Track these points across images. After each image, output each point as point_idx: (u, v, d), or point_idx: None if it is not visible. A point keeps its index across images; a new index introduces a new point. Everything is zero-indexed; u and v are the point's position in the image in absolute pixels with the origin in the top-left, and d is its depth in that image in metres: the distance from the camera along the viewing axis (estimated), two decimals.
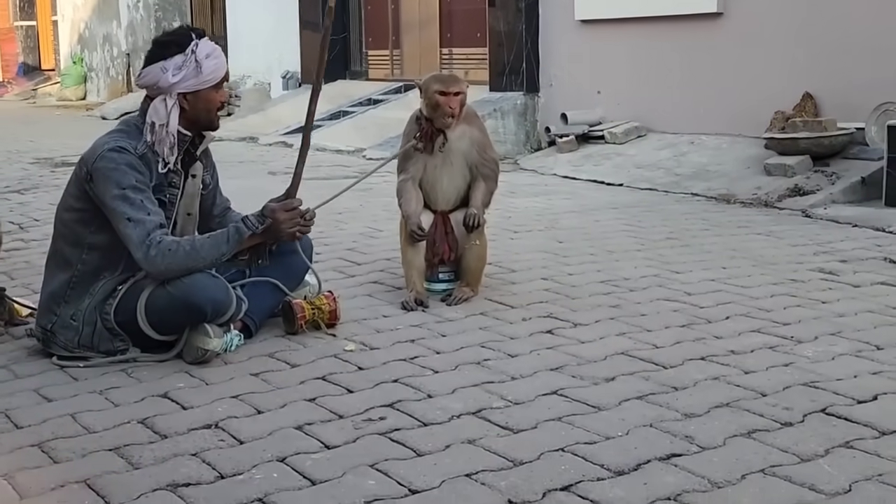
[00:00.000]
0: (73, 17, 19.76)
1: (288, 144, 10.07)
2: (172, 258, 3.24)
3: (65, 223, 3.39)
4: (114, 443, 2.65)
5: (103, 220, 3.30)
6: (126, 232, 3.22)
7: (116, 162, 3.24)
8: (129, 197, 3.22)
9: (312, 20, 12.13)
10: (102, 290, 3.33)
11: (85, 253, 3.33)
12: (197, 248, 3.31)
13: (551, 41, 9.16)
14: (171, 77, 3.30)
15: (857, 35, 6.77)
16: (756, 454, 2.49)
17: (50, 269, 3.44)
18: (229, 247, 3.36)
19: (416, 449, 2.57)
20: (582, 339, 3.48)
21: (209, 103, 3.39)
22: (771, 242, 5.10)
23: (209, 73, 3.34)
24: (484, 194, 4.06)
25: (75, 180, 3.37)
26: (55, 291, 3.36)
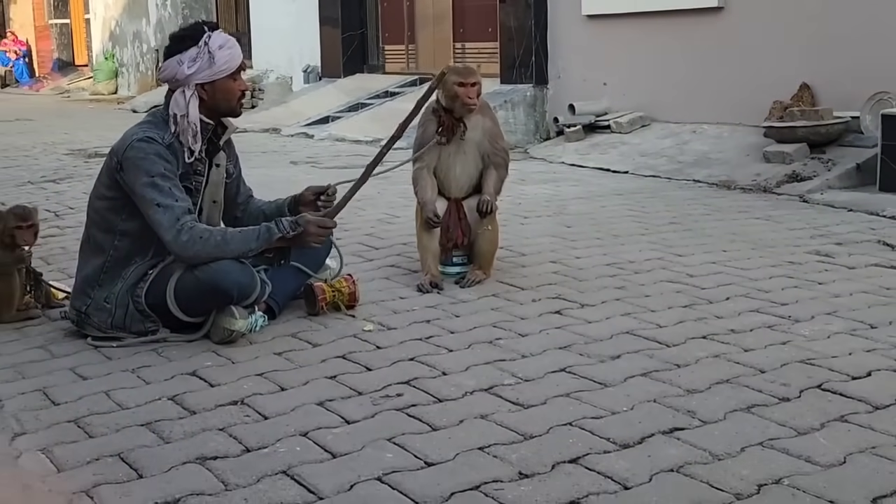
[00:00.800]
0: (104, 16, 19.76)
1: (309, 135, 10.08)
2: (203, 245, 3.25)
3: (97, 211, 3.40)
4: (146, 418, 2.67)
5: (134, 207, 3.31)
6: (156, 217, 3.23)
7: (145, 151, 3.26)
8: (158, 184, 3.24)
9: (331, 16, 12.10)
10: (134, 274, 3.35)
11: (117, 239, 3.35)
12: (227, 241, 3.31)
13: (559, 35, 9.12)
14: (187, 69, 3.32)
15: (852, 28, 6.72)
16: (755, 428, 2.49)
17: (84, 254, 3.45)
18: (258, 244, 3.36)
19: (432, 424, 2.57)
20: (589, 319, 3.48)
21: (228, 92, 3.40)
22: (769, 226, 5.08)
23: (223, 63, 3.35)
24: (495, 182, 4.06)
25: (106, 170, 3.38)
26: (89, 276, 3.38)
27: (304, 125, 10.59)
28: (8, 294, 3.64)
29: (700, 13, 7.78)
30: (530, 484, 2.23)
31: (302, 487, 2.24)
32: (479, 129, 4.03)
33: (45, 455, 2.45)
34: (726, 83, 7.61)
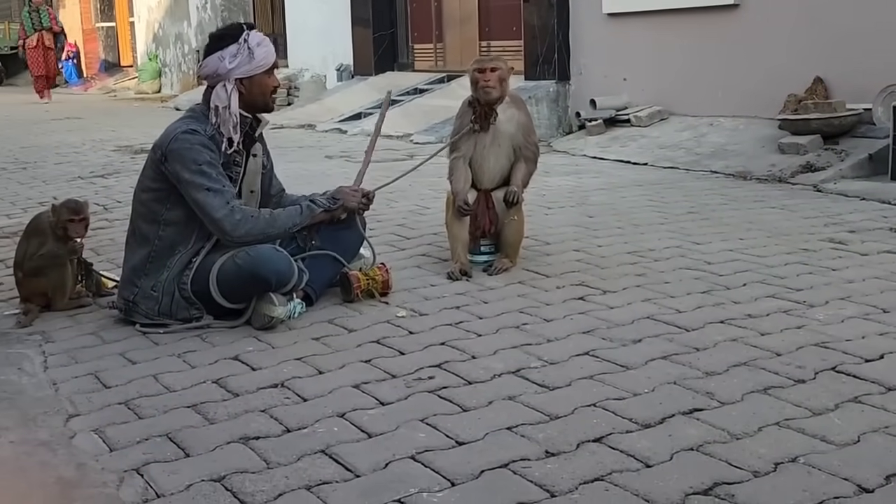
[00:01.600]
0: (148, 18, 19.85)
1: (342, 131, 10.09)
2: (254, 224, 3.34)
3: (142, 203, 3.44)
4: (191, 400, 2.69)
5: (177, 197, 3.35)
6: (207, 200, 3.28)
7: (190, 142, 3.30)
8: (206, 171, 3.30)
9: (363, 16, 12.10)
10: (179, 263, 3.38)
11: (161, 229, 3.38)
12: (275, 217, 3.43)
13: (580, 33, 9.08)
14: (228, 64, 3.38)
15: (864, 22, 6.64)
16: (771, 409, 2.48)
17: (130, 246, 3.48)
18: (301, 219, 3.50)
19: (462, 405, 2.58)
20: (611, 305, 3.47)
21: (263, 87, 3.46)
22: (784, 215, 5.04)
23: (261, 59, 3.42)
24: (524, 175, 4.05)
25: (151, 164, 3.42)
26: (136, 266, 3.41)
27: (337, 121, 10.60)
28: (61, 283, 3.68)
29: (716, 10, 7.71)
30: (556, 462, 2.23)
31: (340, 465, 2.25)
32: (514, 122, 4.03)
33: (97, 435, 2.48)
34: (742, 77, 7.55)
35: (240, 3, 15.84)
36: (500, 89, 3.98)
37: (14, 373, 3.01)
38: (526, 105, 4.17)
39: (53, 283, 3.66)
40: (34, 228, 3.71)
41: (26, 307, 3.63)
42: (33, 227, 3.72)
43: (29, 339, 3.37)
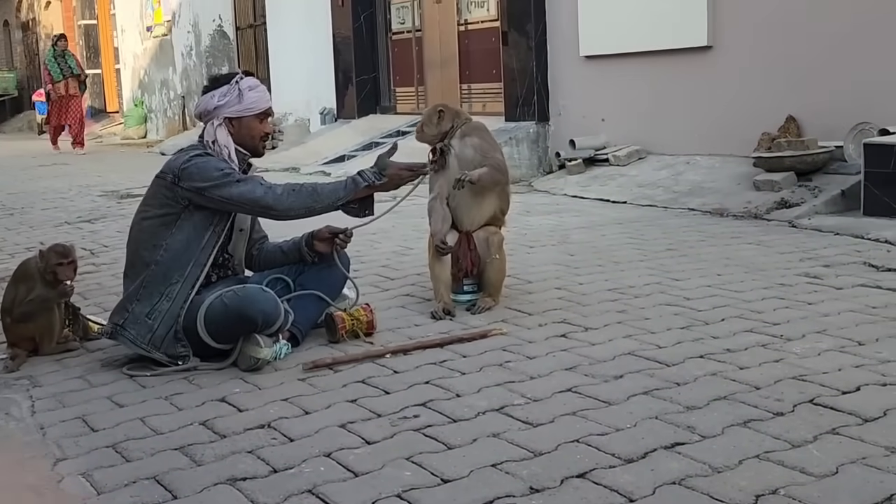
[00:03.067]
0: (133, 65, 19.94)
1: (326, 174, 10.11)
2: (297, 197, 3.40)
3: (144, 230, 3.45)
4: (179, 443, 2.68)
5: (186, 219, 3.39)
6: (241, 189, 3.34)
7: (206, 160, 3.41)
8: (229, 173, 3.37)
9: (346, 61, 12.18)
10: (180, 296, 3.36)
11: (160, 254, 3.38)
12: (318, 190, 3.47)
13: (559, 75, 9.17)
14: (217, 101, 3.46)
15: (834, 61, 6.74)
16: (752, 441, 2.49)
17: (128, 277, 3.49)
18: (346, 193, 3.51)
19: (447, 443, 2.58)
20: (593, 342, 3.48)
21: (252, 130, 3.50)
22: (761, 251, 5.08)
23: (251, 102, 3.46)
24: (485, 171, 3.97)
25: (159, 189, 3.44)
26: (130, 293, 3.42)
27: (321, 164, 10.63)
28: (49, 328, 3.66)
29: (690, 52, 7.81)
30: (541, 498, 2.23)
31: None
32: (470, 147, 4.06)
33: (85, 479, 2.47)
34: (717, 117, 7.64)
35: (224, 50, 15.94)
36: (422, 133, 4.08)
37: (1, 418, 2.99)
38: (484, 130, 4.16)
39: (41, 328, 3.65)
40: (22, 274, 3.70)
41: (14, 352, 3.62)
42: (21, 273, 3.71)
43: (16, 384, 3.35)
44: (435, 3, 11.15)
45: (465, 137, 4.06)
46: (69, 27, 24.85)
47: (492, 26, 10.20)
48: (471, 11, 10.65)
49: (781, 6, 7.08)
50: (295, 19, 13.46)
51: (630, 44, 8.33)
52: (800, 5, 6.95)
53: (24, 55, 29.71)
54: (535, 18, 9.18)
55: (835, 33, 6.74)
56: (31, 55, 29.11)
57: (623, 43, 8.40)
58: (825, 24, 6.78)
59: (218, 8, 15.87)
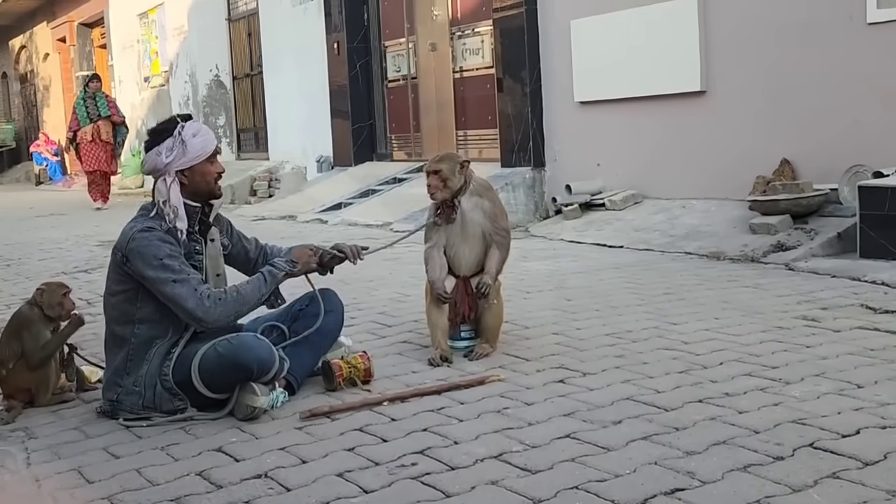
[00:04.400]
0: (131, 115, 20.01)
1: (323, 221, 10.14)
2: (224, 305, 3.33)
3: (113, 306, 3.44)
4: (175, 494, 2.66)
5: (146, 294, 3.36)
6: (175, 292, 3.28)
7: (148, 239, 3.32)
8: (168, 264, 3.30)
9: (342, 109, 12.27)
10: (157, 355, 3.37)
11: (135, 328, 3.38)
12: (242, 293, 3.42)
13: (554, 121, 9.23)
14: (165, 158, 3.42)
15: (827, 106, 6.80)
16: (752, 486, 2.47)
17: (109, 349, 3.48)
18: (268, 288, 3.49)
19: (445, 491, 2.56)
20: (591, 387, 3.48)
21: (205, 175, 3.48)
22: (758, 294, 5.08)
23: (198, 150, 3.44)
24: (496, 262, 4.07)
25: (113, 267, 3.44)
26: (117, 367, 3.41)
27: (318, 211, 10.66)
28: (45, 379, 3.66)
29: (684, 97, 7.87)
30: None
31: None
32: (480, 210, 4.06)
33: None
34: (711, 161, 7.68)
35: (221, 99, 16.04)
36: (445, 189, 4.00)
37: None
38: (492, 191, 4.20)
39: (37, 379, 3.64)
40: (21, 322, 3.68)
41: (9, 404, 3.60)
42: (19, 322, 3.69)
43: (12, 436, 3.33)
44: (430, 51, 11.26)
45: (474, 197, 4.06)
46: (67, 78, 25.04)
47: (487, 73, 10.28)
48: (465, 59, 10.74)
49: (773, 50, 7.15)
50: (291, 68, 13.57)
51: (624, 89, 8.40)
52: (792, 49, 7.02)
53: (23, 106, 29.90)
54: (530, 65, 9.26)
55: (828, 76, 6.80)
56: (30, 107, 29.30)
57: (617, 88, 8.47)
58: (818, 67, 6.85)
59: (215, 58, 16.01)
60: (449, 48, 10.93)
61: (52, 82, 26.28)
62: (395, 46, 11.98)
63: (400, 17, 11.78)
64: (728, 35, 7.51)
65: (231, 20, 15.69)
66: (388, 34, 12.08)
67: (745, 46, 7.38)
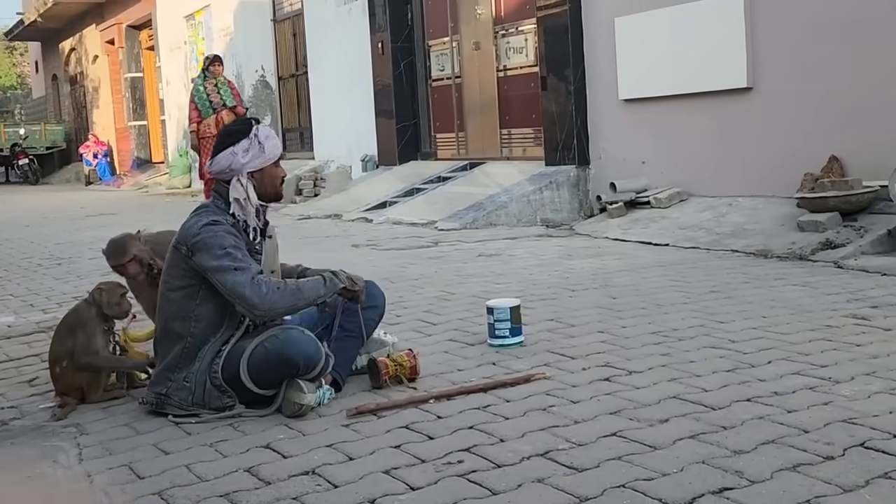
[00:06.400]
0: (178, 116, 20.27)
1: (368, 220, 10.18)
2: (281, 295, 3.36)
3: (171, 301, 3.47)
4: (224, 489, 2.68)
5: (206, 291, 3.40)
6: (234, 280, 3.32)
7: (214, 231, 3.37)
8: (231, 253, 3.35)
9: (386, 109, 12.32)
10: (209, 353, 3.40)
11: (193, 325, 3.41)
12: (300, 289, 3.43)
13: (599, 119, 9.20)
14: (242, 158, 3.47)
15: (876, 100, 6.70)
16: (801, 486, 2.44)
17: (163, 345, 3.51)
18: (326, 290, 3.50)
19: (492, 488, 2.56)
20: (637, 385, 3.45)
21: (273, 177, 3.55)
22: (807, 292, 5.02)
23: (271, 152, 3.51)
24: None
25: (175, 261, 3.46)
26: (169, 362, 3.44)
27: (363, 210, 10.71)
28: (96, 376, 3.71)
29: (730, 93, 7.80)
30: None
31: None
32: None
33: None
34: (759, 158, 7.60)
35: (267, 99, 16.16)
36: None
37: (50, 465, 3.02)
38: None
39: (88, 377, 3.69)
40: (77, 321, 3.74)
41: (62, 400, 3.66)
42: (76, 321, 3.75)
43: (64, 432, 3.38)
44: (474, 50, 11.26)
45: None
46: (115, 80, 25.40)
47: (531, 72, 10.27)
48: (509, 57, 10.73)
49: (821, 45, 7.06)
50: (336, 68, 13.64)
51: (669, 86, 8.35)
52: (840, 44, 6.93)
53: (72, 108, 30.38)
54: (574, 63, 9.23)
55: (877, 71, 6.70)
56: (79, 108, 29.77)
57: (662, 86, 8.42)
58: (867, 62, 6.75)
59: (260, 58, 16.14)
60: (493, 47, 10.92)
61: (101, 84, 26.67)
62: (439, 46, 12.00)
63: (444, 17, 11.79)
64: (775, 30, 7.43)
65: (276, 21, 15.81)
66: (432, 33, 12.10)
67: (793, 42, 7.29)
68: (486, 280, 5.96)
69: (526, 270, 6.30)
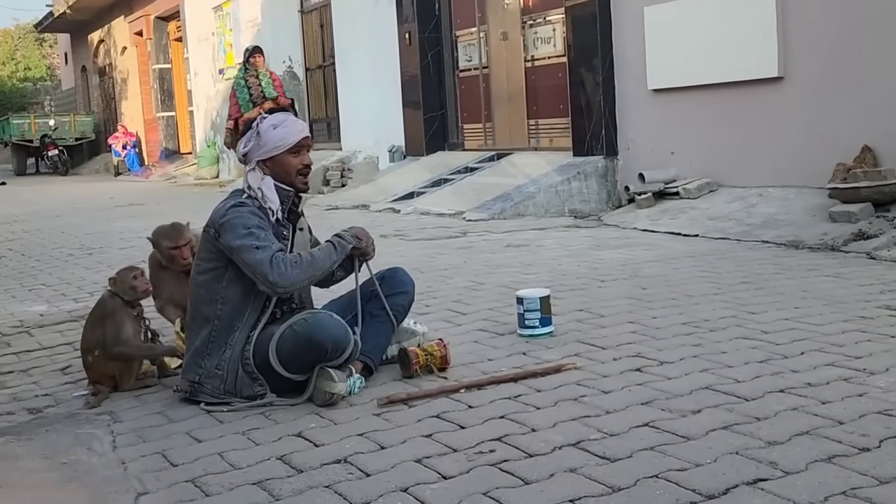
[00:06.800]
0: (206, 107, 20.36)
1: (395, 210, 10.19)
2: (299, 268, 3.40)
3: (199, 284, 3.50)
4: (257, 477, 2.70)
5: (233, 273, 3.43)
6: (255, 257, 3.35)
7: (240, 212, 3.43)
8: (255, 233, 3.39)
9: (413, 99, 12.31)
10: (239, 340, 3.42)
11: (219, 308, 3.43)
12: (315, 257, 3.49)
13: (627, 109, 9.15)
14: (243, 147, 3.58)
15: None
16: (837, 478, 2.42)
17: (192, 330, 3.53)
18: (339, 254, 3.56)
19: (524, 478, 2.55)
20: (668, 376, 3.44)
21: (285, 166, 3.55)
22: (839, 283, 4.98)
23: (276, 140, 3.52)
24: None
25: (205, 244, 3.51)
26: (198, 348, 3.46)
27: (391, 201, 10.72)
28: (128, 365, 3.73)
29: (761, 83, 7.74)
30: None
31: None
32: None
33: None
34: (789, 148, 7.54)
35: (294, 90, 16.18)
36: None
37: (84, 452, 3.04)
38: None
39: (121, 366, 3.72)
40: (104, 312, 3.77)
41: (96, 388, 3.69)
42: (103, 311, 3.78)
43: (98, 420, 3.41)
44: (501, 40, 11.23)
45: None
46: (143, 71, 25.55)
47: (559, 62, 10.23)
48: (537, 47, 10.69)
49: (854, 34, 6.99)
50: (363, 59, 13.65)
51: (699, 76, 8.29)
52: (873, 33, 6.85)
53: (101, 99, 30.59)
54: (602, 53, 9.19)
55: None
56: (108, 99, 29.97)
57: (692, 76, 8.36)
58: None
59: (288, 49, 16.16)
60: (520, 37, 10.89)
61: (130, 75, 26.83)
62: (467, 36, 11.97)
63: (471, 7, 11.76)
64: (806, 19, 7.36)
65: (304, 12, 15.83)
66: (460, 24, 12.07)
67: (825, 31, 7.22)
68: (514, 270, 5.95)
69: (554, 261, 6.28)
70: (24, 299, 6.19)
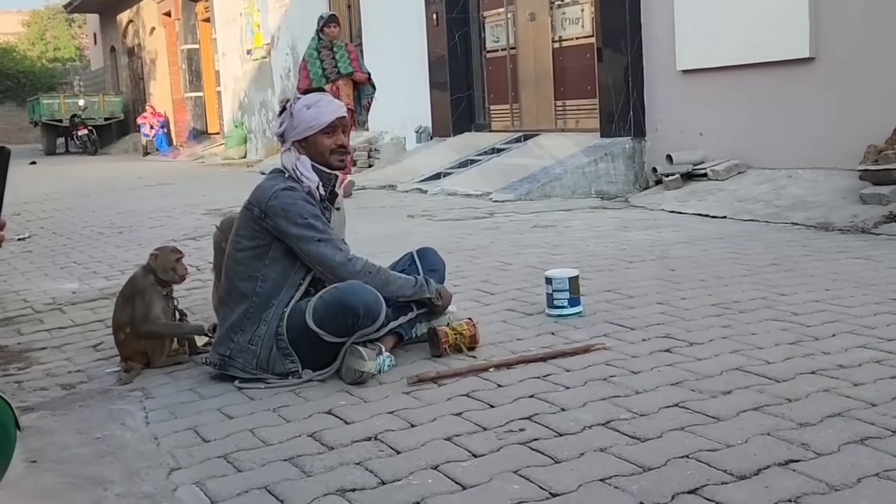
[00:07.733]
0: (233, 88, 20.40)
1: (422, 191, 10.18)
2: (372, 279, 3.44)
3: (239, 261, 3.49)
4: (288, 454, 2.71)
5: (275, 253, 3.44)
6: (321, 250, 3.39)
7: (292, 198, 3.40)
8: (313, 224, 3.40)
9: (440, 80, 12.28)
10: (275, 317, 3.42)
11: (259, 285, 3.44)
12: (391, 279, 3.52)
13: (655, 90, 9.08)
14: (278, 128, 3.57)
15: None
16: (870, 459, 2.40)
17: (226, 305, 3.53)
18: (413, 292, 3.58)
19: (554, 457, 2.55)
20: (698, 357, 3.42)
21: (319, 146, 3.54)
22: (870, 265, 4.93)
23: (310, 121, 3.50)
24: None
25: (246, 222, 3.49)
26: (234, 323, 3.47)
27: (417, 181, 10.71)
28: (160, 342, 3.76)
29: (792, 64, 7.66)
30: None
31: None
32: None
33: (199, 488, 2.51)
34: (820, 129, 7.46)
35: None
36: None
37: (118, 428, 3.07)
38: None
39: (152, 343, 3.74)
40: (135, 289, 3.79)
41: (128, 365, 3.71)
42: (133, 289, 3.80)
43: (130, 396, 3.44)
44: (529, 20, 11.17)
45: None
46: (172, 51, 25.64)
47: (586, 42, 10.16)
48: (565, 28, 10.63)
49: (886, 14, 6.89)
50: (390, 39, 13.62)
51: (729, 57, 8.21)
52: None
53: (130, 79, 30.74)
54: (631, 34, 9.12)
55: None
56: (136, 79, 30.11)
57: (722, 56, 8.28)
58: None
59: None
60: (548, 18, 10.83)
61: (158, 56, 26.93)
62: (494, 17, 11.91)
63: None
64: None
65: None
66: (487, 4, 12.02)
67: (857, 11, 7.13)
68: (542, 251, 5.93)
69: (582, 242, 6.26)
70: (56, 277, 6.24)
